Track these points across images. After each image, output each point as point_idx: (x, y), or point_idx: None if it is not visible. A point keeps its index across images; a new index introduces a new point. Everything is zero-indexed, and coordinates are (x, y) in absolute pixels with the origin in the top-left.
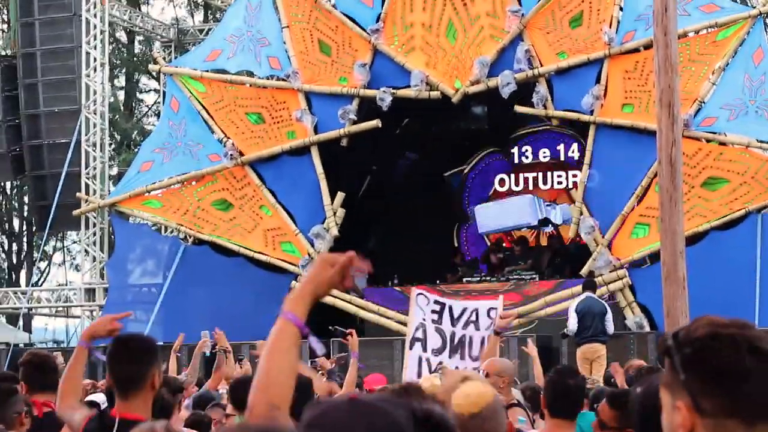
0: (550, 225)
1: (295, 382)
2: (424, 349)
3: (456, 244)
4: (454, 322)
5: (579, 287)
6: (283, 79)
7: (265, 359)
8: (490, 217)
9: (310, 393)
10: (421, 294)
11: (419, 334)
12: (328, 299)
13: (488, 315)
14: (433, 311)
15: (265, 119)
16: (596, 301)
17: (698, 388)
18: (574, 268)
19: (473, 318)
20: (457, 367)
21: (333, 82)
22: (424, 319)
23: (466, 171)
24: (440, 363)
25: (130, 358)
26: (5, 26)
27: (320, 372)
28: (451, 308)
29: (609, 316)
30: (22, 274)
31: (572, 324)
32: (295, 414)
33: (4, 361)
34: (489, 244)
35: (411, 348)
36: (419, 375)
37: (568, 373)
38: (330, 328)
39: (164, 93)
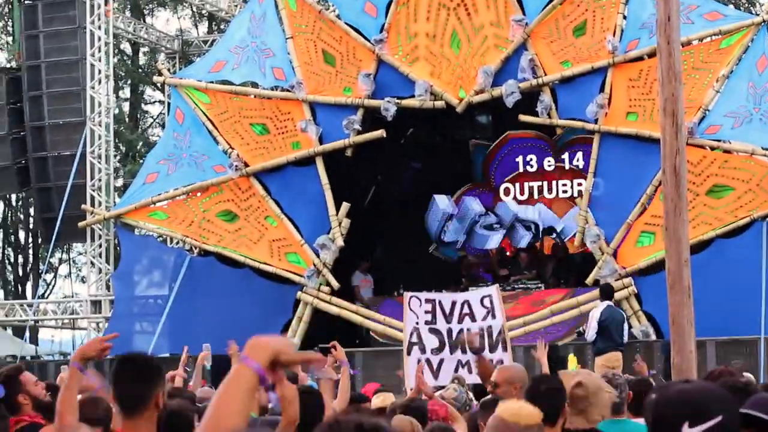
0: (554, 234)
1: (244, 428)
2: (423, 351)
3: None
4: (448, 318)
5: (584, 296)
6: (288, 90)
7: (220, 401)
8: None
9: (321, 406)
10: (414, 297)
11: (414, 339)
12: (333, 309)
13: (482, 303)
14: (426, 312)
15: (269, 130)
16: (616, 311)
17: None
18: (580, 277)
19: (466, 310)
20: (459, 362)
21: (337, 92)
22: (417, 323)
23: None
24: (442, 360)
25: (134, 378)
26: (10, 39)
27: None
28: (441, 303)
29: (626, 325)
30: (28, 286)
31: (592, 332)
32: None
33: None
34: (492, 254)
35: (409, 354)
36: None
37: (542, 380)
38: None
39: (169, 104)
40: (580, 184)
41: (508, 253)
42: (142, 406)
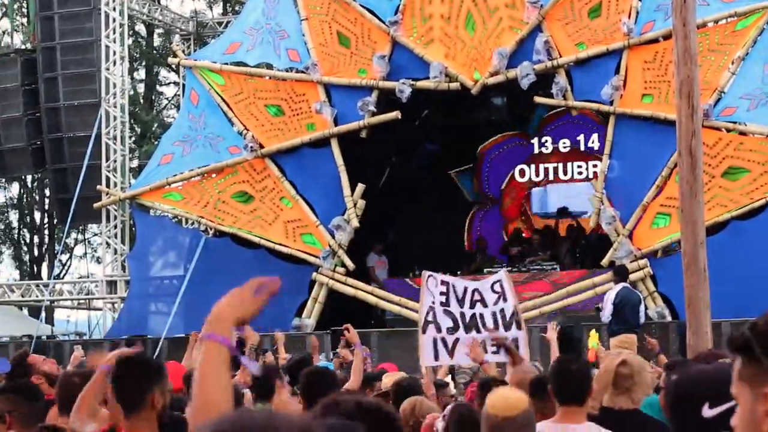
0: (569, 215)
1: (232, 400)
2: (438, 330)
3: (469, 232)
4: (460, 302)
5: (601, 277)
6: (303, 72)
7: (200, 384)
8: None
9: (335, 383)
10: (431, 276)
11: (430, 317)
12: (348, 290)
13: (492, 289)
14: (441, 293)
15: (284, 111)
16: (632, 292)
17: None
18: (595, 259)
19: (477, 297)
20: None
21: (352, 74)
22: (433, 302)
23: (481, 150)
24: (457, 339)
25: (130, 379)
26: (25, 20)
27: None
28: (454, 287)
29: (642, 306)
30: (44, 266)
31: (607, 314)
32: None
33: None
34: (506, 236)
35: (424, 332)
36: (436, 357)
37: (570, 360)
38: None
39: (184, 86)
40: (595, 166)
41: (524, 234)
42: (140, 407)
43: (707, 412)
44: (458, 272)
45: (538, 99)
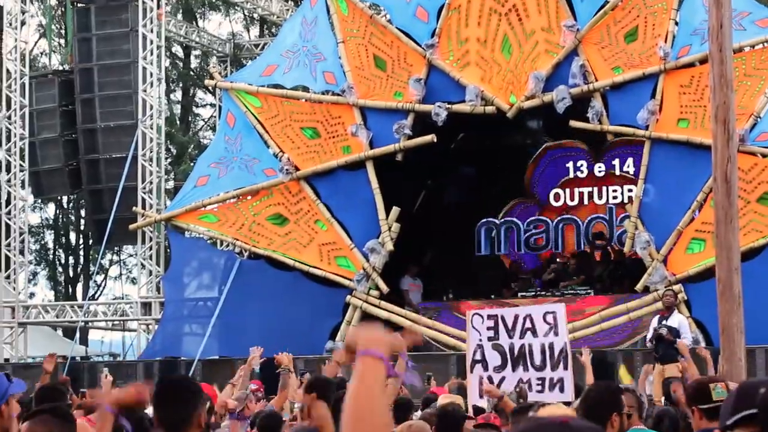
0: (603, 241)
1: (389, 416)
2: (486, 369)
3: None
4: (510, 333)
5: (635, 302)
6: (339, 94)
7: (360, 402)
8: None
9: None
10: (476, 314)
11: (478, 356)
12: (382, 313)
13: (545, 319)
14: (489, 328)
15: (320, 134)
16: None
17: None
18: (630, 283)
19: (528, 325)
20: (521, 380)
21: (388, 97)
22: (480, 340)
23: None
24: (503, 378)
25: (174, 401)
26: (63, 41)
27: None
28: (503, 318)
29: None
30: (79, 287)
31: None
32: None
33: (62, 373)
34: (542, 258)
35: (471, 371)
36: (481, 395)
37: (594, 388)
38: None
39: (220, 107)
40: (630, 191)
41: (558, 259)
42: (186, 428)
43: None
44: (492, 296)
45: (573, 123)
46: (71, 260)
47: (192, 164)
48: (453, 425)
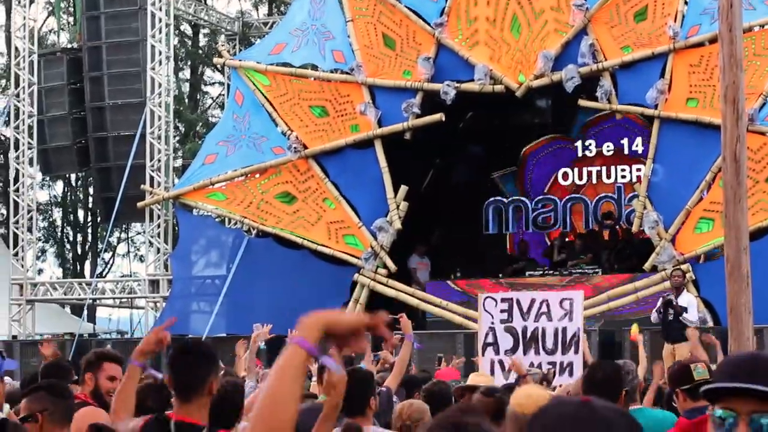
0: (612, 221)
1: (297, 411)
2: (497, 352)
3: (511, 235)
4: (524, 315)
5: (643, 281)
6: (347, 73)
7: (274, 385)
8: None
9: (372, 385)
10: (488, 297)
11: (490, 339)
12: (390, 292)
13: (561, 305)
14: (502, 311)
15: (328, 112)
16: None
17: None
18: (638, 263)
19: (544, 309)
20: (531, 363)
21: (397, 75)
22: (492, 323)
23: (525, 152)
24: None
25: (189, 365)
26: (71, 19)
27: (382, 366)
28: (519, 302)
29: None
30: (87, 265)
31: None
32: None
33: (69, 350)
34: (549, 239)
35: (483, 353)
36: (493, 374)
37: (600, 367)
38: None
39: (228, 86)
40: (639, 170)
41: (567, 239)
42: (196, 393)
43: None
44: (500, 275)
45: (582, 102)
46: (79, 238)
47: (200, 142)
48: (442, 406)
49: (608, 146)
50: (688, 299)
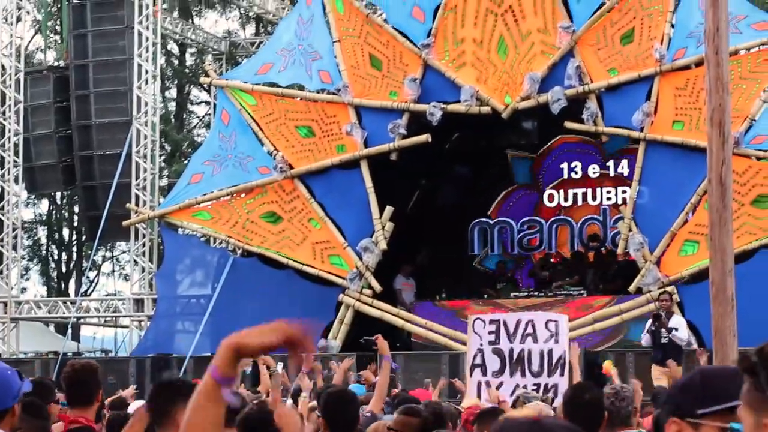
0: (597, 243)
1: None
2: (484, 374)
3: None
4: (511, 337)
5: (627, 304)
6: (334, 93)
7: (189, 414)
8: None
9: (356, 405)
10: (478, 319)
11: (478, 360)
12: (375, 312)
13: (546, 327)
14: (490, 332)
15: (315, 132)
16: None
17: None
18: (623, 285)
19: (530, 330)
20: (517, 385)
21: (383, 96)
22: (481, 344)
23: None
24: (501, 383)
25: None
26: (58, 38)
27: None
28: (505, 323)
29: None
30: (71, 283)
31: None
32: (341, 425)
33: (53, 369)
34: (535, 258)
35: (471, 374)
36: (479, 398)
37: (585, 389)
38: (361, 341)
39: (215, 105)
40: (624, 192)
41: (552, 260)
42: (163, 424)
43: None
44: (485, 296)
45: (568, 124)
46: (64, 256)
47: (186, 162)
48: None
49: (594, 168)
50: (678, 320)
